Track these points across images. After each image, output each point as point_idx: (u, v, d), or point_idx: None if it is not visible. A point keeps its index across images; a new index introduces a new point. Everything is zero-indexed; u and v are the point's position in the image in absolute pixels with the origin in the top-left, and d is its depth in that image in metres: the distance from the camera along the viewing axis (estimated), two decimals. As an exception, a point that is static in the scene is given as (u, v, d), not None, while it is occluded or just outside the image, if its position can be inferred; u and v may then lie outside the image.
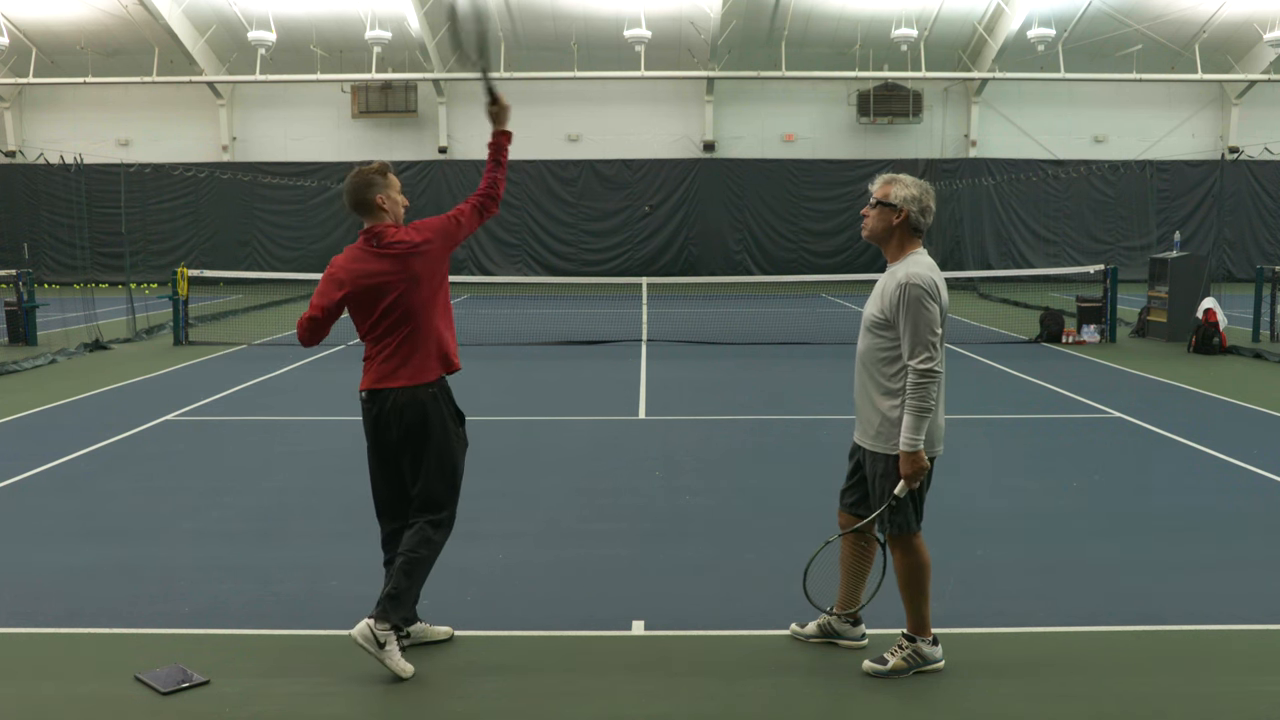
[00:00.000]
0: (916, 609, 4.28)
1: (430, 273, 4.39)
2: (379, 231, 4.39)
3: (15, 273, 16.33)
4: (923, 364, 4.04)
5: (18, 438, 9.21)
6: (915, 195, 4.19)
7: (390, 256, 4.34)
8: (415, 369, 4.36)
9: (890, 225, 4.21)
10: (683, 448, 8.77)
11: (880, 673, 4.27)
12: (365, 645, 4.17)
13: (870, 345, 4.26)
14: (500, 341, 16.37)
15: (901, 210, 4.18)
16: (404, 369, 4.35)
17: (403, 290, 4.32)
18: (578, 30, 30.20)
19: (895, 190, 4.21)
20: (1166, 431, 9.26)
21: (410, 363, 4.36)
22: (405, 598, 4.32)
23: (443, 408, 4.43)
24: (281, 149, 33.20)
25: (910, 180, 4.24)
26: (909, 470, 4.08)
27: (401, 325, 4.35)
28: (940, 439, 4.27)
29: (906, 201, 4.18)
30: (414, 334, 4.36)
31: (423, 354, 4.38)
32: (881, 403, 4.21)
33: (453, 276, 4.90)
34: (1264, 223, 33.12)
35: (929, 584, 4.29)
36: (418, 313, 4.36)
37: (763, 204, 32.50)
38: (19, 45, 30.51)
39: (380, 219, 4.40)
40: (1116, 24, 30.23)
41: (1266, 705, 4.04)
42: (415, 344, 4.37)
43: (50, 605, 5.13)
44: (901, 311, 4.07)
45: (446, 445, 4.42)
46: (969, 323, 19.57)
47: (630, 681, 4.28)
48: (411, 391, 4.34)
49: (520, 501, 7.08)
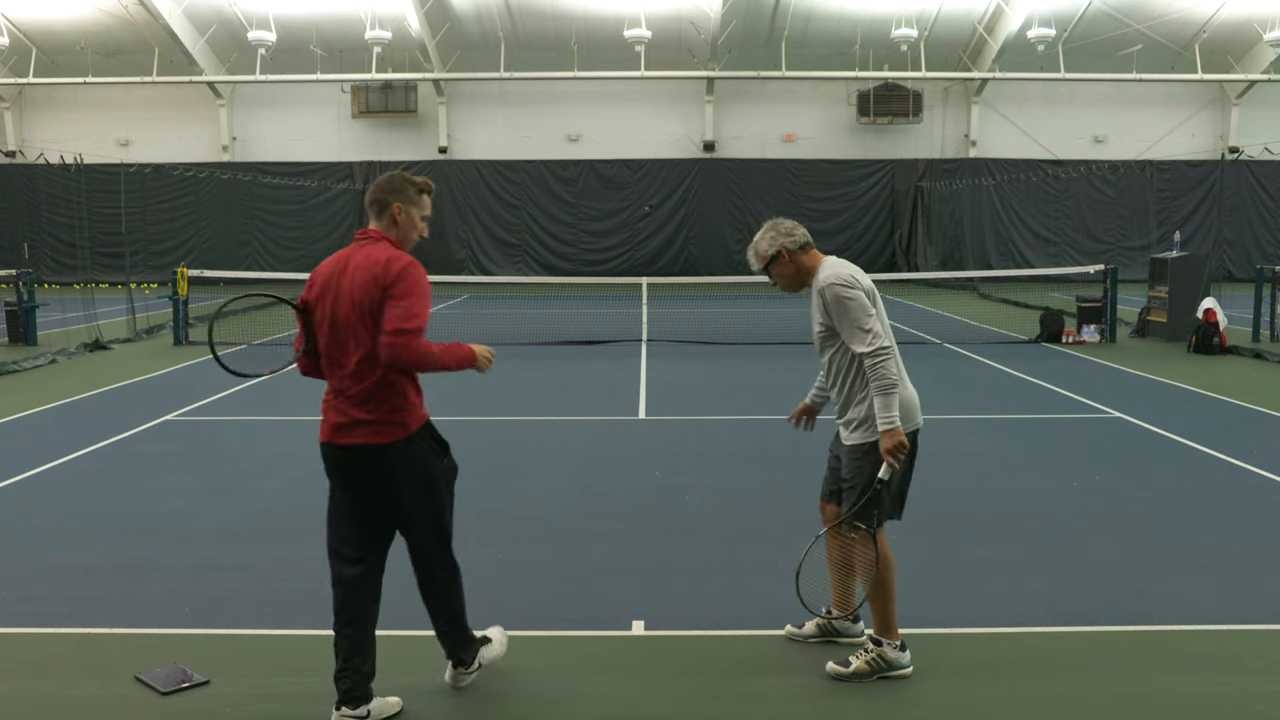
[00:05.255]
0: (880, 609, 4.28)
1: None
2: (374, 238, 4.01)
3: (15, 273, 16.34)
4: (869, 346, 4.14)
5: (18, 438, 9.21)
6: (773, 236, 4.38)
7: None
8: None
9: (788, 268, 4.38)
10: (683, 448, 8.77)
11: (842, 675, 4.26)
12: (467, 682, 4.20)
13: (829, 357, 4.38)
14: (500, 341, 16.36)
15: (780, 252, 4.36)
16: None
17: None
18: (578, 30, 30.20)
19: (761, 247, 4.40)
20: (1166, 431, 9.26)
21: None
22: (462, 627, 4.22)
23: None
24: (281, 149, 33.19)
25: (758, 236, 4.42)
26: (890, 445, 4.11)
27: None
28: (916, 414, 4.31)
29: (773, 243, 4.37)
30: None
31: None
32: (855, 404, 4.28)
33: (453, 277, 4.80)
34: (1264, 223, 33.13)
35: (893, 584, 4.27)
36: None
37: (763, 204, 32.47)
38: (19, 45, 30.51)
39: (386, 230, 3.96)
40: (1116, 24, 30.23)
41: (1266, 706, 4.04)
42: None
43: (50, 605, 5.12)
44: (833, 312, 4.21)
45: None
46: (969, 323, 19.57)
47: (630, 681, 4.28)
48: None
49: (520, 501, 7.08)
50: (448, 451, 4.10)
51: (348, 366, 3.82)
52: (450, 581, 4.16)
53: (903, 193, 33.16)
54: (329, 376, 3.93)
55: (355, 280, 3.79)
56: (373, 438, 3.81)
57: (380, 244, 3.90)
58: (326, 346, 3.90)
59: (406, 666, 4.44)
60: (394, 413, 3.82)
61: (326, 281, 3.90)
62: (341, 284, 3.83)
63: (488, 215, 33.09)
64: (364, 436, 3.81)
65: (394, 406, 3.82)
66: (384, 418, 3.81)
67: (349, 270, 3.83)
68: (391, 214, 3.95)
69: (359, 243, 3.95)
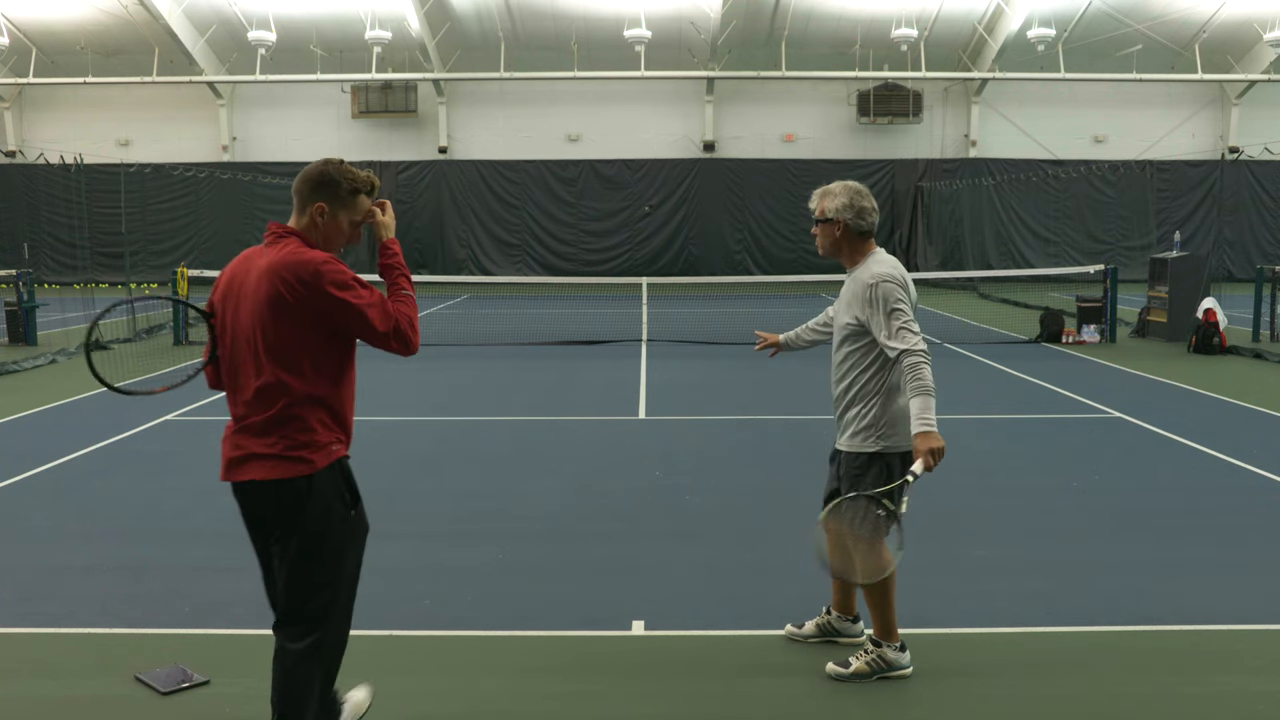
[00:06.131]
0: (879, 613, 4.25)
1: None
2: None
3: (15, 273, 16.33)
4: (913, 347, 4.00)
5: (18, 438, 9.21)
6: (846, 203, 4.19)
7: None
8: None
9: (834, 238, 4.23)
10: (683, 448, 8.77)
11: (842, 676, 4.25)
12: None
13: (847, 353, 4.25)
14: (500, 341, 16.37)
15: (837, 222, 4.20)
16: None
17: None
18: (578, 30, 30.19)
19: (827, 204, 4.23)
20: (1166, 431, 9.26)
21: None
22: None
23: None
24: (281, 149, 33.18)
25: (840, 188, 4.23)
26: (927, 447, 3.95)
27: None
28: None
29: (839, 212, 4.19)
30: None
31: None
32: (859, 407, 4.20)
33: (453, 277, 4.63)
34: (1264, 223, 33.12)
35: (892, 588, 4.24)
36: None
37: (763, 204, 32.49)
38: (19, 45, 30.50)
39: (305, 230, 3.34)
40: (1116, 24, 30.22)
41: (1266, 706, 4.04)
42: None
43: (50, 605, 5.12)
44: (877, 309, 4.06)
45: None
46: (969, 323, 19.57)
47: (630, 681, 4.28)
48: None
49: (520, 501, 7.07)
50: (358, 503, 3.38)
51: (246, 392, 3.26)
52: (293, 674, 3.31)
53: (903, 193, 33.15)
54: (229, 399, 3.37)
55: (259, 293, 3.19)
56: (269, 473, 3.20)
57: (288, 243, 3.27)
58: (227, 363, 3.35)
59: (407, 668, 4.44)
60: (297, 448, 3.21)
61: (230, 284, 3.34)
62: (245, 291, 3.26)
63: (488, 215, 33.09)
64: (260, 471, 3.22)
65: (298, 441, 3.21)
66: (284, 452, 3.20)
67: (252, 277, 3.24)
68: (312, 215, 3.33)
69: (267, 240, 3.33)
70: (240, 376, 3.28)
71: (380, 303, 3.24)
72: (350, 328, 3.24)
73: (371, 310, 3.20)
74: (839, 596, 4.58)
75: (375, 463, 8.24)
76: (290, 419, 3.21)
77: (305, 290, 3.15)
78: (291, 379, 3.19)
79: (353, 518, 3.34)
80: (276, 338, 3.18)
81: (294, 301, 3.15)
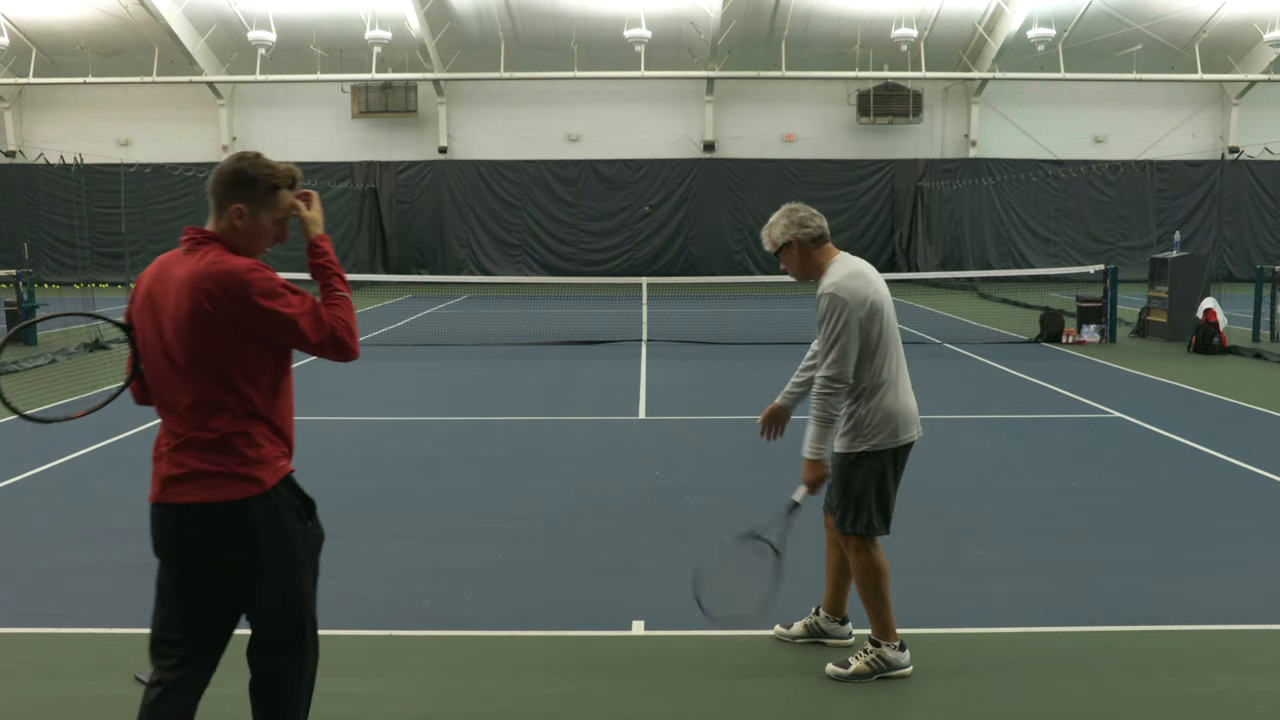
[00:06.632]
0: (875, 613, 4.26)
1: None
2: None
3: (15, 273, 16.33)
4: (828, 371, 4.08)
5: (18, 438, 9.20)
6: (786, 223, 4.30)
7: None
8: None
9: (796, 259, 4.31)
10: (683, 448, 8.77)
11: (842, 676, 4.25)
12: None
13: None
14: (500, 341, 16.37)
15: (791, 242, 4.29)
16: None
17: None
18: (578, 30, 30.20)
19: (774, 233, 4.34)
20: (1166, 431, 9.26)
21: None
22: None
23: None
24: (281, 149, 33.16)
25: (775, 216, 4.37)
26: (810, 477, 4.15)
27: None
28: (907, 425, 4.21)
29: (785, 232, 4.29)
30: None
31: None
32: (844, 410, 4.25)
33: (453, 277, 4.50)
34: (1264, 223, 33.13)
35: (887, 589, 4.25)
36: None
37: (763, 204, 32.41)
38: (19, 45, 30.51)
39: (224, 233, 3.05)
40: (1116, 24, 30.23)
41: (1266, 706, 4.04)
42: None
43: (50, 605, 5.12)
44: (819, 319, 4.15)
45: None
46: (969, 323, 19.57)
47: (630, 681, 4.28)
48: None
49: (520, 501, 7.07)
50: (313, 513, 3.23)
51: (178, 409, 3.01)
52: (297, 684, 3.24)
53: (903, 193, 33.16)
54: (161, 417, 3.08)
55: (180, 307, 2.94)
56: (218, 493, 2.97)
57: (208, 250, 2.99)
58: (152, 378, 3.07)
59: (407, 668, 4.44)
60: (245, 465, 3.00)
61: (148, 295, 3.06)
62: (165, 304, 2.99)
63: (488, 215, 33.09)
64: (204, 492, 2.97)
65: (246, 458, 3.00)
66: (232, 470, 2.98)
67: (171, 288, 2.98)
68: (230, 217, 3.03)
69: (184, 247, 3.04)
70: (168, 393, 3.02)
71: (312, 309, 2.99)
72: (281, 338, 2.99)
73: (303, 319, 2.96)
74: (831, 597, 4.58)
75: (375, 462, 8.24)
76: (233, 435, 2.98)
77: (230, 302, 2.89)
78: (224, 395, 2.97)
79: (309, 530, 3.17)
80: (203, 352, 2.94)
81: (217, 314, 2.90)
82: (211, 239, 3.02)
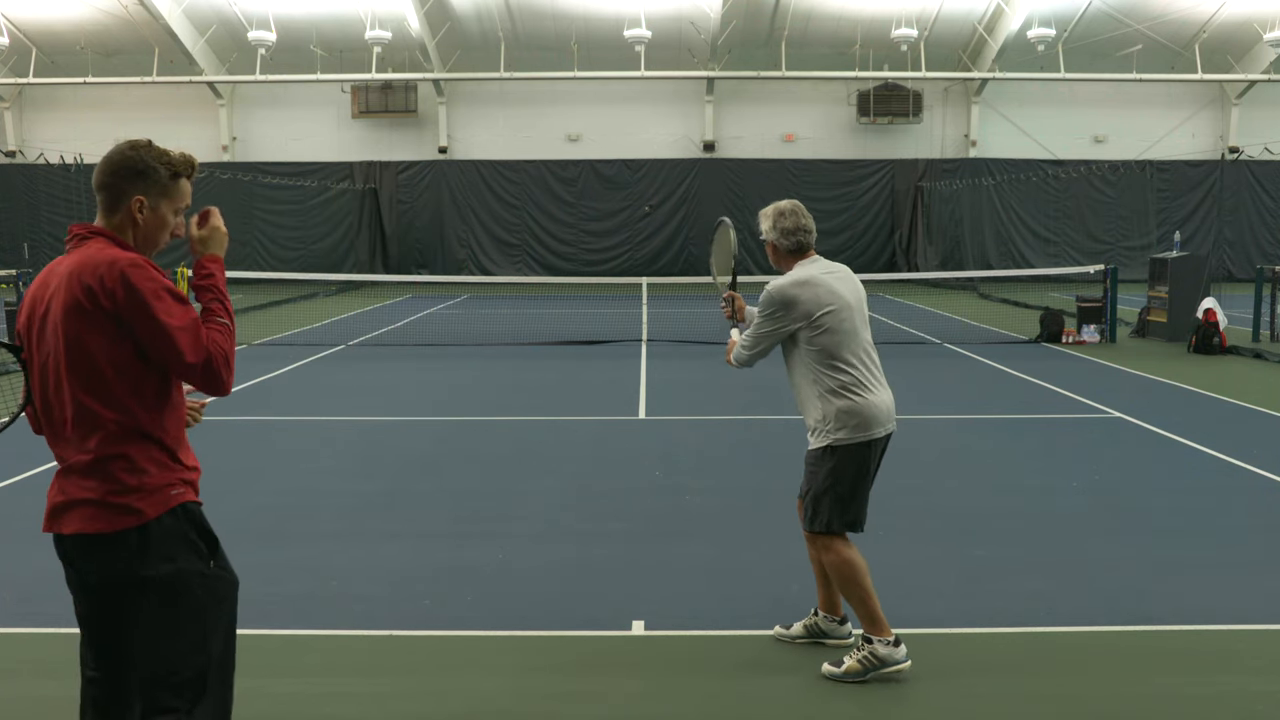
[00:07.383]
0: (860, 609, 4.26)
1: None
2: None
3: (15, 273, 16.33)
4: (738, 353, 4.60)
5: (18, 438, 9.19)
6: (770, 225, 4.48)
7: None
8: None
9: (771, 257, 4.55)
10: (683, 448, 8.77)
11: (835, 675, 4.25)
12: None
13: (791, 353, 4.47)
14: (500, 341, 16.37)
15: (767, 242, 4.48)
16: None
17: None
18: (578, 30, 30.20)
19: (762, 225, 4.53)
20: (1166, 431, 9.26)
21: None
22: None
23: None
24: (281, 149, 33.19)
25: (768, 211, 4.54)
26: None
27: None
28: (874, 422, 4.25)
29: (766, 234, 4.48)
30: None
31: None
32: (806, 407, 4.38)
33: (453, 277, 4.56)
34: (1264, 223, 33.13)
35: (867, 582, 4.24)
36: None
37: (763, 204, 31.25)
38: (19, 45, 30.51)
39: (117, 230, 2.80)
40: (1116, 24, 30.23)
41: (1266, 706, 4.04)
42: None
43: (50, 605, 5.11)
44: (758, 308, 4.41)
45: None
46: (969, 323, 19.57)
47: (630, 681, 4.28)
48: None
49: (520, 501, 7.07)
50: (217, 552, 2.84)
51: (63, 427, 2.69)
52: None
53: (903, 193, 33.16)
54: (49, 444, 2.77)
55: (60, 304, 2.65)
56: (89, 525, 2.63)
57: (92, 243, 2.73)
58: (40, 398, 2.75)
59: (407, 668, 4.44)
60: (123, 493, 2.64)
61: (33, 305, 2.75)
62: (50, 308, 2.70)
63: (488, 215, 33.10)
64: (79, 522, 2.64)
65: (125, 485, 2.64)
66: (106, 498, 2.64)
67: (52, 289, 2.71)
68: (129, 211, 2.78)
69: (70, 245, 2.78)
70: (54, 410, 2.70)
71: (194, 326, 2.67)
72: (155, 348, 2.63)
73: (183, 334, 2.63)
74: (823, 596, 4.58)
75: (375, 462, 8.24)
76: (113, 458, 2.64)
77: (106, 295, 2.59)
78: (101, 407, 2.63)
79: (213, 571, 2.79)
80: (79, 353, 2.62)
81: (93, 309, 2.60)
82: (99, 233, 2.76)
